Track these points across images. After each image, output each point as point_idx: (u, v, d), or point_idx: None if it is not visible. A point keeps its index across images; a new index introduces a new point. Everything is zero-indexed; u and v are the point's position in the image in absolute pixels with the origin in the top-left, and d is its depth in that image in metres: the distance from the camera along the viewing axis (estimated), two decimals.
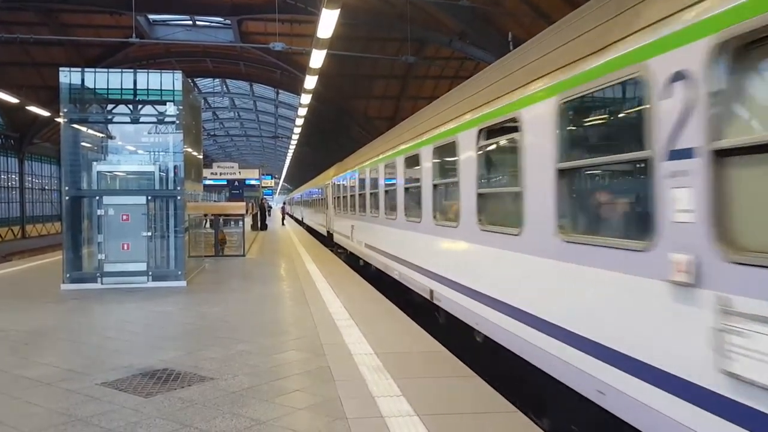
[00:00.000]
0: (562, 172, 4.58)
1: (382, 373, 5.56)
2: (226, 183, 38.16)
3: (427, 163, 8.39)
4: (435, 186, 8.09)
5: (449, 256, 7.56)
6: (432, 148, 8.13)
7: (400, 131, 11.34)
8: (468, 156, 6.62)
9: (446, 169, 7.79)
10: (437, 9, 20.67)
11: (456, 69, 28.49)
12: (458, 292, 7.01)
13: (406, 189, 9.79)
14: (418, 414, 4.49)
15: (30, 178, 43.03)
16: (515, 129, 5.37)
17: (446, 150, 7.57)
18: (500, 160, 6.30)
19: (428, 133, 8.47)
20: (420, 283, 8.87)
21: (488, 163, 6.42)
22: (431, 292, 8.19)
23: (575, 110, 4.58)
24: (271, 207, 43.17)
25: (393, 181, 10.85)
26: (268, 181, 57.64)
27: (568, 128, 4.63)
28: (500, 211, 6.13)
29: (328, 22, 13.17)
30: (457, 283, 7.07)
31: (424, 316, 8.97)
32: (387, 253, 11.44)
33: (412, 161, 9.26)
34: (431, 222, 8.19)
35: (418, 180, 8.84)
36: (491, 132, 6.13)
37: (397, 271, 10.44)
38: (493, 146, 6.22)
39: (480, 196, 6.32)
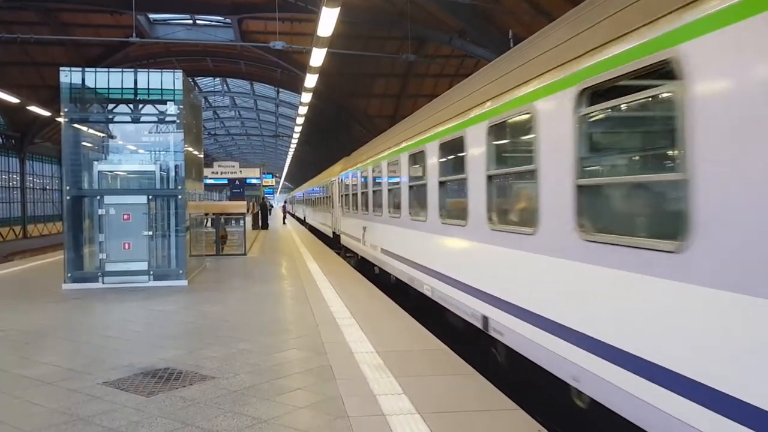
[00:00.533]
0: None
1: (384, 371, 5.56)
2: (227, 182, 38.25)
3: (478, 147, 6.34)
4: (490, 178, 6.07)
5: (519, 274, 5.49)
6: (486, 126, 6.06)
7: (431, 111, 9.16)
8: (557, 133, 4.61)
9: (512, 156, 6.20)
10: (437, 7, 20.66)
11: (456, 67, 28.46)
12: (541, 329, 4.93)
13: (442, 183, 7.78)
14: (420, 412, 4.49)
15: (31, 178, 43.08)
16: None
17: (514, 128, 5.78)
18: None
19: (483, 107, 6.27)
20: (466, 306, 6.84)
21: (596, 143, 4.62)
22: (485, 319, 6.23)
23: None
24: (272, 206, 42.93)
25: (421, 175, 8.82)
26: (269, 180, 57.75)
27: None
28: (631, 212, 4.42)
29: (328, 21, 13.16)
30: (536, 315, 5.02)
31: (425, 317, 8.97)
32: (413, 261, 9.42)
33: (452, 147, 7.34)
34: (484, 226, 6.24)
35: (460, 171, 6.97)
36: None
37: (428, 286, 8.51)
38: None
39: (581, 189, 4.34)
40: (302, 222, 45.71)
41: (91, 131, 12.94)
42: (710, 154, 3.07)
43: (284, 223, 41.62)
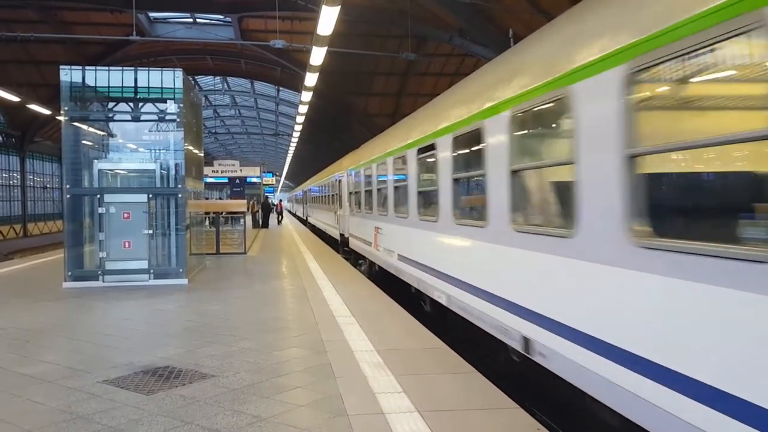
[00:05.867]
0: None
1: (383, 369, 5.56)
2: (227, 181, 38.22)
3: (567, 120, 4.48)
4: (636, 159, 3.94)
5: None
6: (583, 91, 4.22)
7: (477, 83, 7.10)
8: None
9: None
10: (437, 5, 20.64)
11: (456, 66, 28.44)
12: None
13: (516, 173, 5.42)
14: (419, 410, 4.50)
15: (31, 177, 43.09)
16: None
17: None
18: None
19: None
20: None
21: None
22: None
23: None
24: (274, 205, 42.56)
25: (476, 163, 6.41)
26: (269, 179, 57.70)
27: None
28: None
29: (328, 19, 13.15)
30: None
31: (425, 315, 8.97)
32: (450, 276, 7.44)
33: (540, 118, 5.29)
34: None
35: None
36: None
37: (462, 304, 6.90)
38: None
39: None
40: (304, 222, 43.22)
41: (91, 130, 12.95)
42: None
43: (279, 223, 40.12)
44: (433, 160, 7.96)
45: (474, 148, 6.49)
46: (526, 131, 5.39)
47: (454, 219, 7.12)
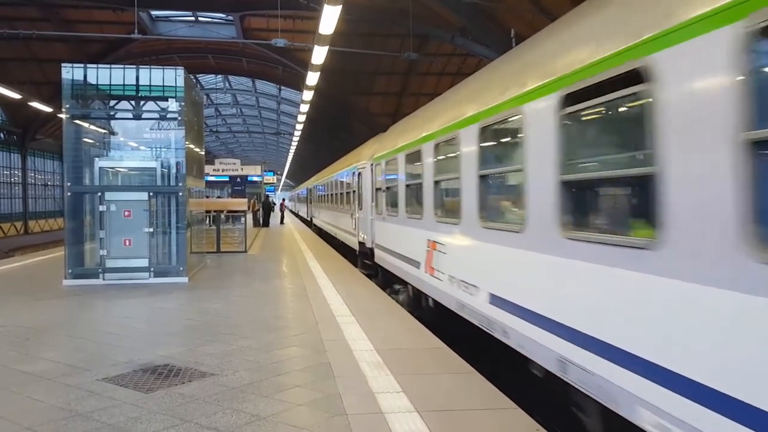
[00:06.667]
0: None
1: (383, 369, 5.56)
2: (228, 179, 38.23)
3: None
4: None
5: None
6: None
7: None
8: None
9: None
10: (439, 5, 20.63)
11: (458, 66, 28.42)
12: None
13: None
14: (418, 410, 4.49)
15: (33, 174, 43.14)
16: None
17: None
18: None
19: None
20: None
21: None
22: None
23: None
24: (275, 203, 42.46)
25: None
26: (271, 178, 57.70)
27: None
28: None
29: (330, 19, 13.15)
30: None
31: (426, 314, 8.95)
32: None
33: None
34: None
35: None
36: None
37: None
38: None
39: None
40: (308, 223, 39.01)
41: (92, 127, 12.97)
42: None
43: (282, 222, 39.56)
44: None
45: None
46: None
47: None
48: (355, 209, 15.79)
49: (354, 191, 16.19)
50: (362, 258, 14.74)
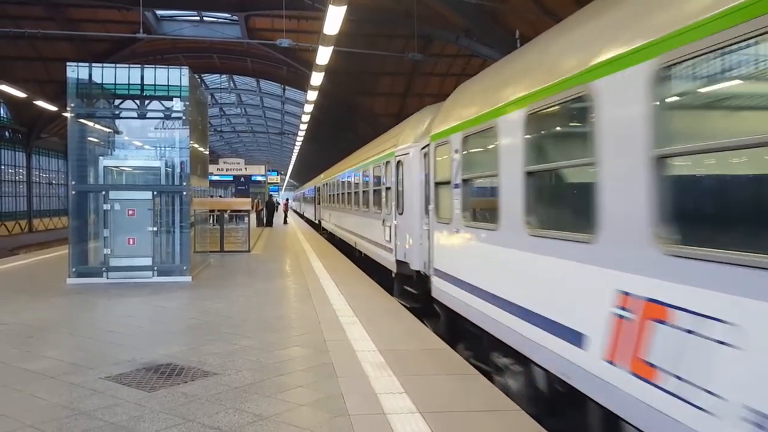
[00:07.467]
0: None
1: (385, 370, 5.56)
2: (232, 179, 38.27)
3: None
4: None
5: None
6: None
7: None
8: None
9: None
10: (443, 6, 20.62)
11: (463, 66, 28.41)
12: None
13: None
14: (421, 411, 4.48)
15: (37, 173, 43.31)
16: None
17: None
18: None
19: None
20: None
21: None
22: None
23: None
24: (278, 203, 42.52)
25: None
26: (274, 177, 57.78)
27: None
28: None
29: (334, 19, 13.17)
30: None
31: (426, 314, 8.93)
32: None
33: None
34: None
35: None
36: None
37: None
38: None
39: None
40: (315, 226, 34.87)
41: (97, 126, 12.99)
42: None
43: (285, 222, 39.44)
44: None
45: None
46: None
47: None
48: (392, 213, 11.50)
49: (388, 188, 12.04)
50: (402, 283, 10.75)
